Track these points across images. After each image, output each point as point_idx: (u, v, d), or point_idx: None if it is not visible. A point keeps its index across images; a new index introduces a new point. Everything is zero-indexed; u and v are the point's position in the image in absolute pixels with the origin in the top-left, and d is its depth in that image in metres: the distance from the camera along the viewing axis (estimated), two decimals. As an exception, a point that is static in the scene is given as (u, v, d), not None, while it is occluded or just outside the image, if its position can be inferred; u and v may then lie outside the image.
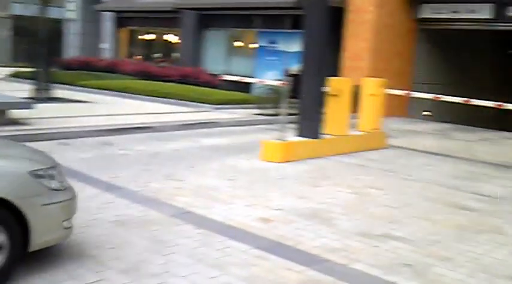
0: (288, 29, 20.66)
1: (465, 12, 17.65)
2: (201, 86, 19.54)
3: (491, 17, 17.28)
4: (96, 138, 10.33)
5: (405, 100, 18.79)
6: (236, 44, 23.74)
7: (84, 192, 6.13)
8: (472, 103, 11.62)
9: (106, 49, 28.66)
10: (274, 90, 15.85)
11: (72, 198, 4.62)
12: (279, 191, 7.46)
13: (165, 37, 27.40)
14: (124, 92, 18.06)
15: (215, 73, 21.21)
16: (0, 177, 4.11)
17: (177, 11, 23.49)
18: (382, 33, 17.86)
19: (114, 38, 28.62)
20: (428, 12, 18.57)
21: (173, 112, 14.66)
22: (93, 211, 5.90)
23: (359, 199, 7.34)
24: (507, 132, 16.32)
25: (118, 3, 27.07)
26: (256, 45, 22.35)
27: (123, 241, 5.13)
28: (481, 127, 17.34)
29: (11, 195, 4.06)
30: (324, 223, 6.16)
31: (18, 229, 4.11)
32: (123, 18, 28.19)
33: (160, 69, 22.47)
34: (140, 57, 27.74)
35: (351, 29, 17.95)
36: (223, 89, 19.35)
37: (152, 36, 27.93)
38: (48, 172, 4.42)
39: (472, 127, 17.16)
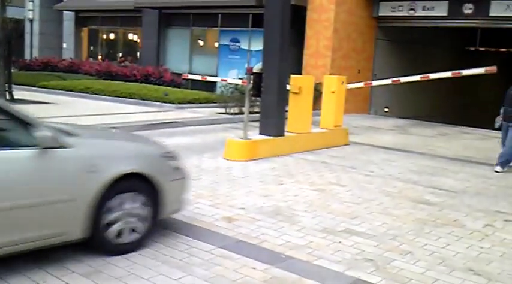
0: (250, 27, 20.73)
1: (422, 10, 17.98)
2: (164, 85, 19.45)
3: (447, 15, 17.62)
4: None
5: (366, 98, 19.10)
6: (199, 42, 23.66)
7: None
8: (431, 77, 11.69)
9: (67, 49, 28.24)
10: (237, 88, 15.92)
11: (186, 177, 5.59)
12: (243, 189, 7.51)
13: (127, 36, 27.15)
14: (86, 93, 17.86)
15: (178, 72, 21.15)
16: (142, 158, 5.14)
17: (138, 9, 23.31)
18: (343, 31, 18.06)
19: (74, 37, 28.21)
20: (386, 9, 18.86)
21: (136, 113, 14.56)
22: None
23: (322, 196, 7.43)
24: (464, 127, 16.68)
25: (78, 2, 26.69)
26: (218, 44, 22.32)
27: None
28: (440, 122, 17.69)
29: (151, 172, 5.02)
30: (288, 220, 6.23)
31: (155, 199, 5.06)
32: (83, 18, 27.83)
33: (123, 69, 22.26)
34: (101, 56, 27.43)
35: (312, 27, 18.11)
36: (187, 88, 19.29)
37: (113, 36, 27.62)
38: (170, 155, 5.45)
39: (431, 123, 17.49)
